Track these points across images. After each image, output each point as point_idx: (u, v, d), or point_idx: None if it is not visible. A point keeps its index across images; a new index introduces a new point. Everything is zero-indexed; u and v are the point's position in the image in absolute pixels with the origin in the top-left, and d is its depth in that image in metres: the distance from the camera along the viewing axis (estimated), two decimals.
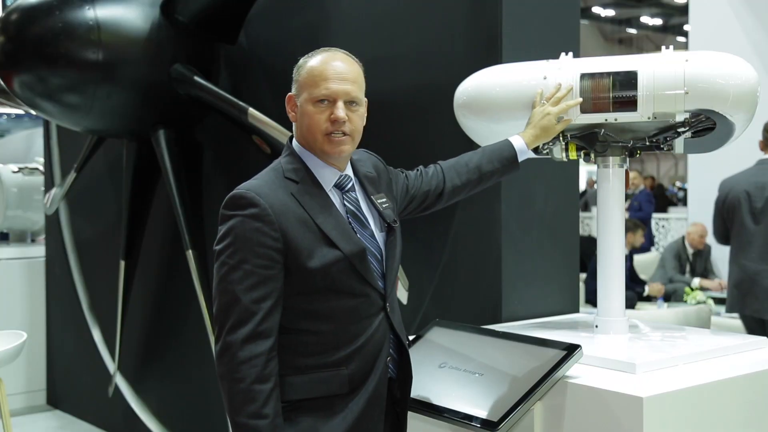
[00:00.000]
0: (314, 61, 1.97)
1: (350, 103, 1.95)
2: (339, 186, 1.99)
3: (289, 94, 2.00)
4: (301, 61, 2.00)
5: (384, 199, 2.08)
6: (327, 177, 1.98)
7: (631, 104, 2.31)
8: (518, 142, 2.37)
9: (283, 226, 1.84)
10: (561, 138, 2.41)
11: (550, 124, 2.35)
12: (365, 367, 1.94)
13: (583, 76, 2.35)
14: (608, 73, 2.33)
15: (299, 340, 1.89)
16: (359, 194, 2.04)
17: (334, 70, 1.95)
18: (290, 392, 1.87)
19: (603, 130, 2.35)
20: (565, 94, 2.38)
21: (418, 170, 2.33)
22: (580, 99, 2.36)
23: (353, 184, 2.03)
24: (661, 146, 2.37)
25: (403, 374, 2.06)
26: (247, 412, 1.78)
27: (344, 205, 1.98)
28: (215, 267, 1.86)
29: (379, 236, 2.02)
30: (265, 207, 1.83)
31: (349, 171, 2.04)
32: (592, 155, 2.43)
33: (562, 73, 2.37)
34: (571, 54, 2.47)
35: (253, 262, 1.81)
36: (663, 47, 2.42)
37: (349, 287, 1.92)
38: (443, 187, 2.31)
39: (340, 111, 1.92)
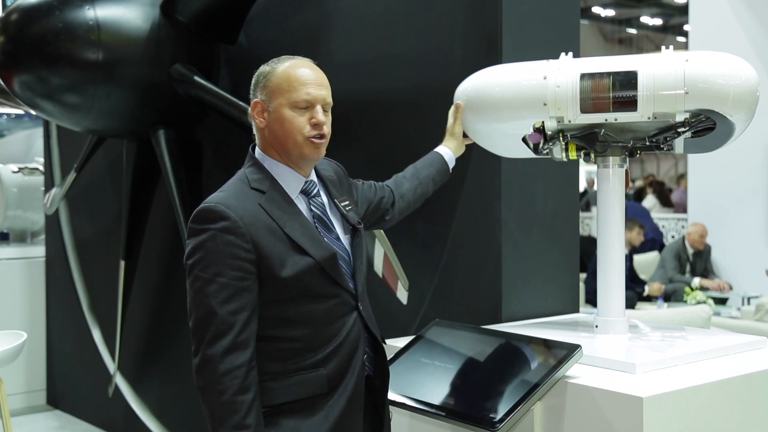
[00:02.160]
0: (287, 68, 1.99)
1: (324, 109, 2.00)
2: (305, 192, 2.02)
3: (255, 100, 2.01)
4: (267, 68, 2.01)
5: (347, 202, 2.12)
6: (293, 184, 2.00)
7: (631, 104, 2.30)
8: (444, 152, 2.64)
9: (254, 237, 1.86)
10: (561, 138, 2.40)
11: (448, 126, 2.64)
12: (342, 366, 1.96)
13: (583, 76, 2.34)
14: (608, 73, 2.32)
15: (275, 347, 1.90)
16: (324, 198, 2.07)
17: (311, 76, 1.99)
18: (271, 397, 1.89)
19: (603, 130, 2.34)
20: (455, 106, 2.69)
21: (367, 184, 2.40)
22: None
23: (318, 189, 2.06)
24: (661, 146, 2.37)
25: (381, 372, 2.08)
26: (230, 423, 1.80)
27: (311, 210, 2.01)
28: (188, 282, 1.87)
29: (345, 239, 2.05)
30: (236, 219, 1.85)
31: (313, 176, 2.07)
32: (592, 155, 2.43)
33: (562, 73, 2.37)
34: (570, 54, 2.47)
35: (227, 274, 1.83)
36: (663, 47, 2.42)
37: (321, 291, 1.94)
38: (393, 197, 2.43)
39: (321, 115, 1.97)
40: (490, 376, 2.19)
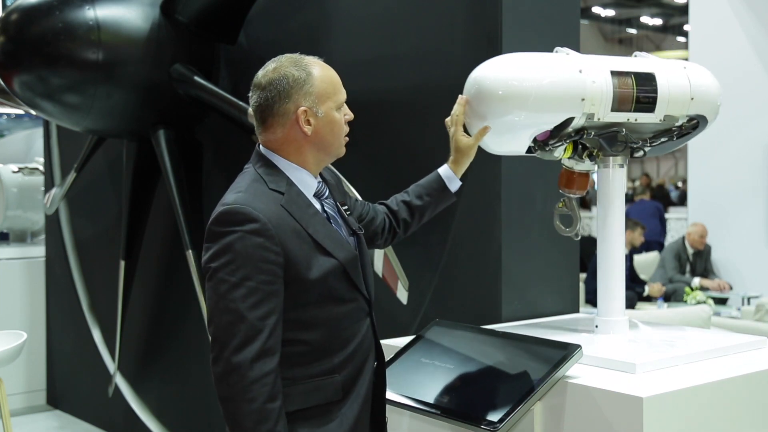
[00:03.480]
0: (322, 69, 1.95)
1: None
2: (317, 194, 1.98)
3: (303, 108, 1.90)
4: (299, 72, 1.90)
5: (346, 207, 2.08)
6: (310, 185, 1.96)
7: (651, 105, 2.33)
8: (444, 170, 2.36)
9: (282, 240, 1.81)
10: (584, 136, 2.32)
11: (458, 140, 2.33)
12: (355, 372, 1.94)
13: (613, 73, 2.30)
14: (630, 73, 2.32)
15: (293, 351, 1.86)
16: (331, 200, 2.03)
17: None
18: (286, 404, 1.83)
19: (624, 130, 2.34)
20: (459, 108, 2.33)
21: (362, 201, 2.32)
22: (464, 97, 2.32)
23: (327, 190, 2.02)
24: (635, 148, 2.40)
25: (380, 377, 2.06)
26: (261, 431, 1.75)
27: (325, 211, 1.98)
28: (211, 285, 1.80)
29: (351, 241, 2.00)
30: (266, 222, 1.80)
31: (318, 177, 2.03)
32: (599, 155, 2.40)
33: (594, 69, 2.30)
34: (566, 48, 2.44)
35: (256, 278, 1.77)
36: (635, 53, 2.47)
37: (341, 294, 1.91)
38: (386, 224, 2.31)
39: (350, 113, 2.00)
40: (490, 376, 2.19)
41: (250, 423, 1.74)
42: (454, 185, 2.36)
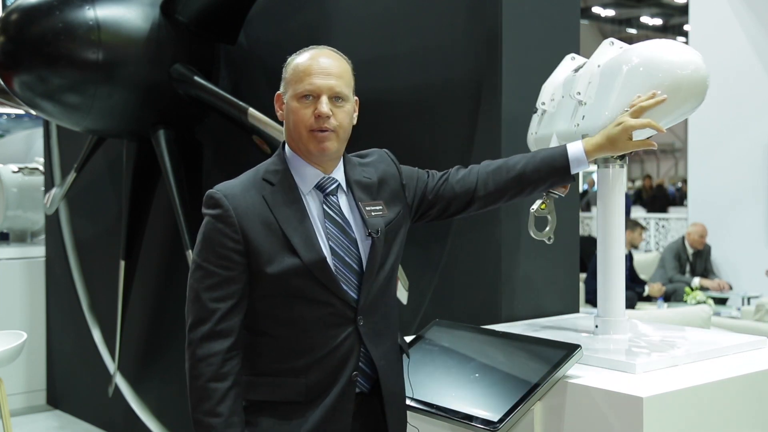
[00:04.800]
0: (300, 58, 1.94)
1: (335, 98, 1.89)
2: (320, 187, 1.93)
3: (278, 92, 1.98)
4: (290, 59, 1.97)
5: (378, 207, 1.98)
6: (308, 179, 1.93)
7: None
8: (575, 149, 2.11)
9: (244, 229, 1.84)
10: None
11: (621, 137, 2.07)
12: (325, 379, 1.88)
13: None
14: None
15: (260, 342, 1.90)
16: (344, 199, 1.96)
17: (319, 65, 1.90)
18: (252, 392, 1.89)
19: None
20: (654, 104, 2.09)
21: (447, 173, 2.16)
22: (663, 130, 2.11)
23: (337, 187, 1.95)
24: None
25: (379, 389, 1.96)
26: (202, 409, 1.81)
27: (323, 209, 1.92)
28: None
29: (364, 244, 1.93)
30: (228, 208, 1.84)
31: (337, 175, 1.97)
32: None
33: None
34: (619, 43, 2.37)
35: (213, 262, 1.84)
36: (610, 39, 2.39)
37: (310, 295, 1.87)
38: (473, 195, 2.14)
39: (324, 106, 1.87)
40: (490, 376, 2.19)
41: (194, 399, 1.82)
42: (577, 168, 2.14)
